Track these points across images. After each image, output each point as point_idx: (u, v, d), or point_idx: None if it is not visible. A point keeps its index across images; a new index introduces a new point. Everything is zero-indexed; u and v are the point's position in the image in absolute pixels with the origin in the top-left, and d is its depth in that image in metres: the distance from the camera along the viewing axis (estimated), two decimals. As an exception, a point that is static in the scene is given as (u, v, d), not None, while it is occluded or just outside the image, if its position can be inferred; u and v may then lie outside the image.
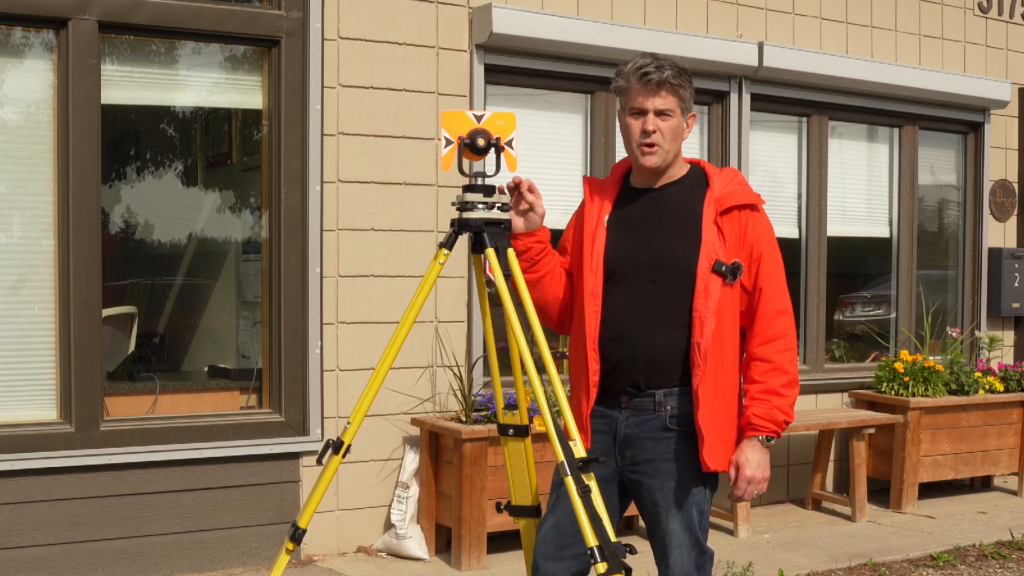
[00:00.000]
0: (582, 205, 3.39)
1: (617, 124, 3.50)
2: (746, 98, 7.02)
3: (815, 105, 7.43)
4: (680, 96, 3.18)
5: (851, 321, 8.15)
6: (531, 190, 3.22)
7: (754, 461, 3.16)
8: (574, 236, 3.38)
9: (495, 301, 3.33)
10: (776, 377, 3.15)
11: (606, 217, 3.28)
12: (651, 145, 3.17)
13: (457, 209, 3.25)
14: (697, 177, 3.28)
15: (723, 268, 3.14)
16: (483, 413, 5.69)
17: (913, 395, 7.10)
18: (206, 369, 6.39)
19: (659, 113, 3.17)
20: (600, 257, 3.23)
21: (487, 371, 5.87)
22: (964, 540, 6.26)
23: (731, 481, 3.21)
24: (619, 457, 3.25)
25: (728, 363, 3.17)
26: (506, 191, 3.23)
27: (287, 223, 5.61)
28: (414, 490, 5.78)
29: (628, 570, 2.92)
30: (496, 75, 6.21)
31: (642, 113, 3.18)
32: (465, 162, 3.22)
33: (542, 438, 4.76)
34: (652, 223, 3.23)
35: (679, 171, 3.28)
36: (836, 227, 7.67)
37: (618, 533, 3.02)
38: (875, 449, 7.18)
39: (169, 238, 6.89)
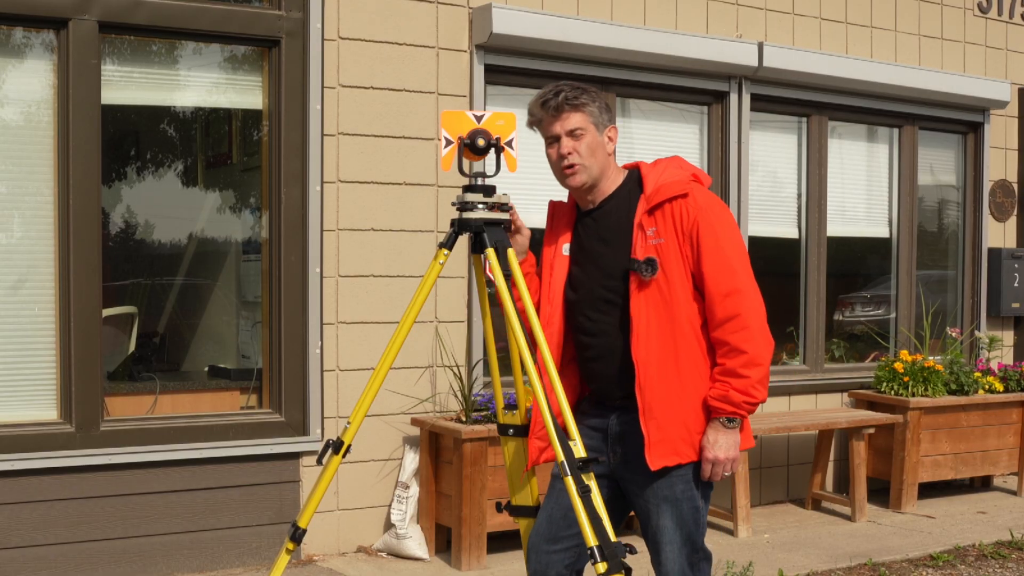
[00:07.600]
0: (546, 231, 3.43)
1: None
2: (746, 98, 7.02)
3: (815, 105, 7.43)
4: (587, 112, 3.22)
5: (851, 321, 8.15)
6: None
7: (716, 443, 3.16)
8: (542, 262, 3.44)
9: (495, 301, 3.34)
10: (733, 358, 3.10)
11: (565, 246, 3.33)
12: (571, 166, 3.21)
13: (457, 209, 3.25)
14: (634, 183, 3.29)
15: (635, 265, 3.15)
16: (483, 413, 5.69)
17: (913, 395, 7.10)
18: (206, 369, 6.39)
19: (571, 134, 3.21)
20: (560, 286, 3.30)
21: (487, 371, 5.87)
22: (964, 540, 6.26)
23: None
24: (611, 454, 3.29)
25: (682, 357, 3.15)
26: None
27: (287, 223, 5.61)
28: (414, 490, 5.78)
29: (628, 570, 2.92)
30: (496, 75, 6.21)
31: (556, 139, 3.24)
32: (465, 162, 3.23)
33: (542, 438, 4.75)
34: (599, 245, 3.27)
35: (612, 184, 3.29)
36: (836, 227, 7.67)
37: (620, 532, 3.03)
38: (875, 449, 7.18)
39: (169, 238, 6.88)
